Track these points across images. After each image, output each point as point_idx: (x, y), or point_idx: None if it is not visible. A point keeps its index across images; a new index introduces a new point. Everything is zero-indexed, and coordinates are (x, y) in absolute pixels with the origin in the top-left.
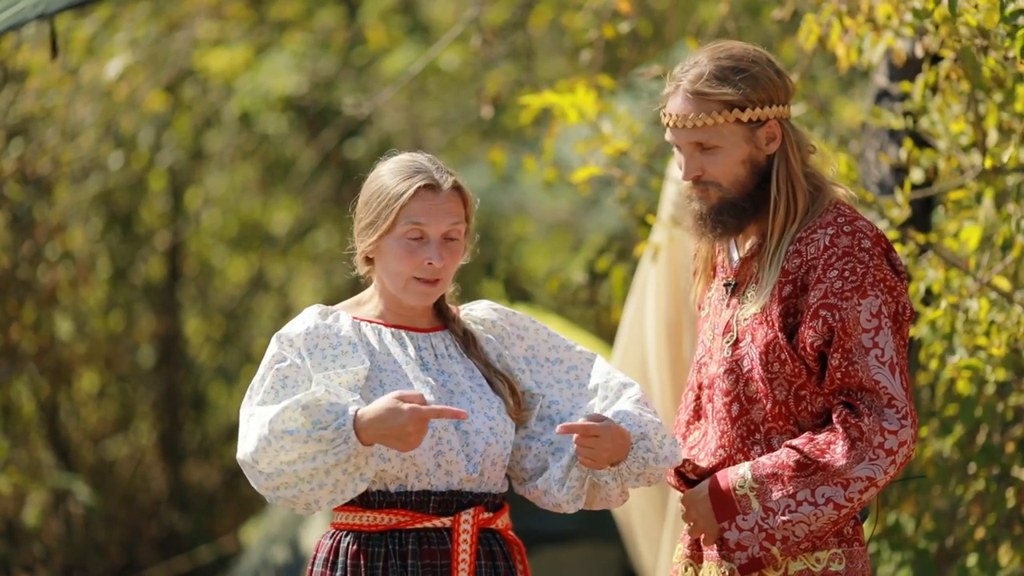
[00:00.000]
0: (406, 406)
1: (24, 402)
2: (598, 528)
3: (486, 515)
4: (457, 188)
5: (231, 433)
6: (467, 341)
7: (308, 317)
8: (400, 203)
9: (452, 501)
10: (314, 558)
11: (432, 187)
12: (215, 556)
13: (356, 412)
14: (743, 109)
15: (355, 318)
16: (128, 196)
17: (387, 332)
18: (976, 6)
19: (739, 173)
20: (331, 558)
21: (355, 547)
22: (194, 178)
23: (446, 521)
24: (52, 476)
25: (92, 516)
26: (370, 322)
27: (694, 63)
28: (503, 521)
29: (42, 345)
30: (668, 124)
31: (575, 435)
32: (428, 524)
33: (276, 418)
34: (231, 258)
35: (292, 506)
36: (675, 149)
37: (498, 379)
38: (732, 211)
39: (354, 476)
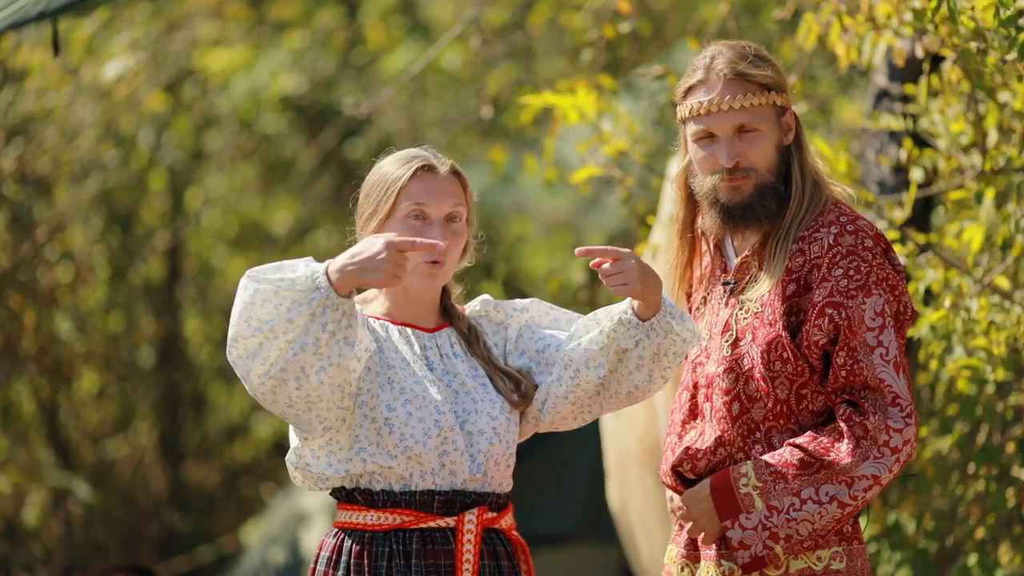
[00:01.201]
0: (381, 236)
1: (24, 402)
2: (598, 528)
3: (490, 515)
4: (455, 173)
5: (231, 433)
6: (471, 338)
7: None
8: (399, 185)
9: (456, 501)
10: (317, 557)
11: (430, 169)
12: (215, 556)
13: (328, 263)
14: (777, 92)
15: (367, 315)
16: (128, 196)
17: (394, 329)
18: (972, 8)
19: (773, 158)
20: (334, 557)
21: (359, 547)
22: (194, 178)
23: (450, 521)
24: (52, 475)
25: (92, 515)
26: (377, 319)
27: (717, 52)
28: (507, 521)
29: (42, 345)
30: (703, 112)
31: (600, 265)
32: (432, 524)
33: (255, 274)
34: (231, 258)
35: (283, 385)
36: (698, 145)
37: (499, 377)
38: (773, 195)
39: (337, 338)
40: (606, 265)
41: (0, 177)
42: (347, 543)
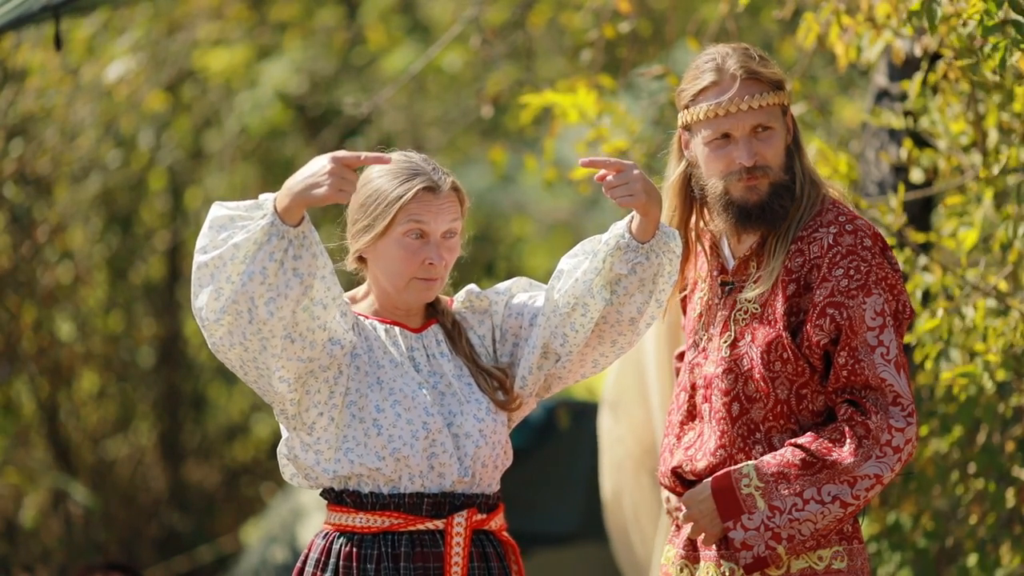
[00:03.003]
0: (327, 155)
1: (24, 402)
2: (598, 528)
3: (479, 516)
4: (455, 188)
5: (231, 433)
6: (454, 335)
7: None
8: (399, 205)
9: (445, 503)
10: (305, 557)
11: (432, 189)
12: (215, 556)
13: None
14: (784, 91)
15: (359, 314)
16: (128, 196)
17: (381, 328)
18: (964, 24)
19: (783, 158)
20: (323, 559)
21: (348, 548)
22: (194, 178)
23: (439, 523)
24: (50, 476)
25: (92, 515)
26: (366, 318)
27: (725, 55)
28: (497, 522)
29: (42, 345)
30: (722, 113)
31: (605, 177)
32: (421, 526)
33: (219, 202)
34: None
35: (237, 320)
36: (708, 147)
37: (482, 376)
38: (787, 193)
39: (285, 268)
40: (610, 177)
41: (0, 177)
42: (336, 545)
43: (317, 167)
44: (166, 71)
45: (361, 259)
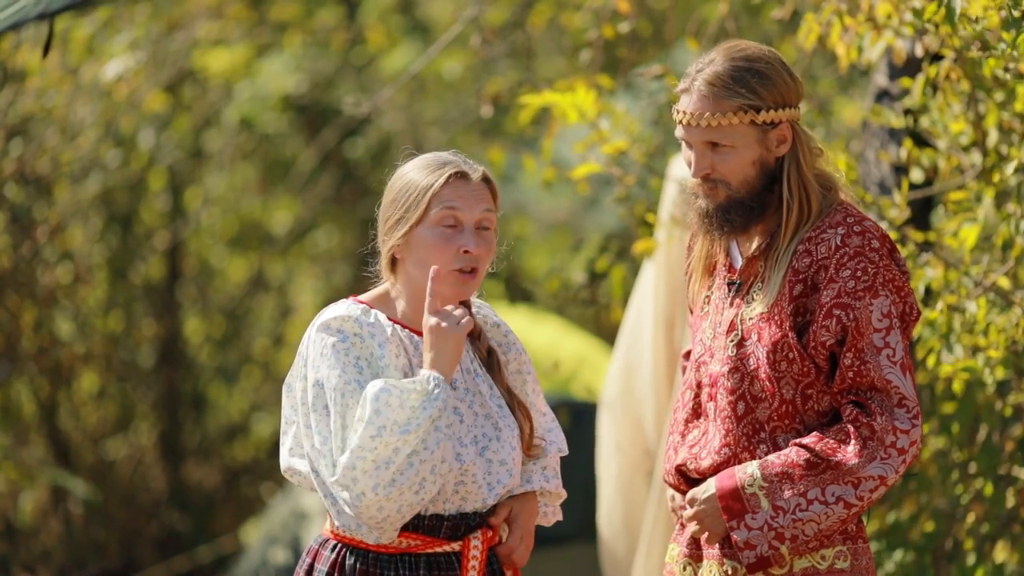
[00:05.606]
0: (442, 324)
1: (24, 402)
2: (595, 529)
3: (490, 534)
4: (486, 180)
5: (231, 433)
6: (491, 364)
7: (348, 311)
8: (432, 192)
9: (461, 524)
10: (310, 568)
11: (463, 175)
12: (215, 556)
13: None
14: (757, 111)
15: (390, 319)
16: (128, 196)
17: (420, 341)
18: (976, 20)
19: (748, 174)
20: (335, 574)
21: (362, 567)
22: (194, 178)
23: (455, 546)
24: (48, 473)
25: (91, 513)
26: (403, 326)
27: (709, 62)
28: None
29: (42, 345)
30: (681, 121)
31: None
32: (439, 549)
33: (366, 428)
34: (231, 258)
35: (423, 492)
36: (684, 145)
37: (519, 409)
38: (740, 210)
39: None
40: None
41: (0, 177)
42: (349, 560)
43: (449, 340)
44: (166, 71)
45: (392, 262)
